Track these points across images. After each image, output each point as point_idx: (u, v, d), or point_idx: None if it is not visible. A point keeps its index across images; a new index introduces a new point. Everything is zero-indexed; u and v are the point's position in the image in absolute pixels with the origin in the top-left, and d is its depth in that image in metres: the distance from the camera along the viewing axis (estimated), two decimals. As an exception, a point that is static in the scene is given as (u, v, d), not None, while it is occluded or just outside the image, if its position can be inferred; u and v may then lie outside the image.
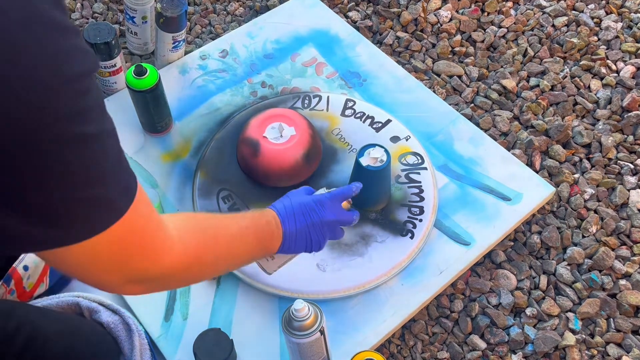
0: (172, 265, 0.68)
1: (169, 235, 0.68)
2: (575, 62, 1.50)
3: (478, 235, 1.18)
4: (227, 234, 0.81)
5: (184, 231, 0.71)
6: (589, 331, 1.14)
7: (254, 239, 0.86)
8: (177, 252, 0.68)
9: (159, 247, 0.66)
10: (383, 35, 1.55)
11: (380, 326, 1.09)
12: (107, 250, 0.60)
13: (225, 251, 0.80)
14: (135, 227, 0.62)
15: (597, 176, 1.30)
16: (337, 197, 0.97)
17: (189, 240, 0.71)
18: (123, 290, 0.68)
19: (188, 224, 0.74)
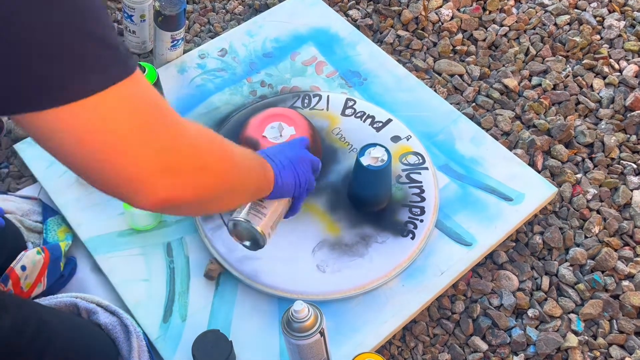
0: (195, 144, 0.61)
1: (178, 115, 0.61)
2: (577, 61, 1.50)
3: (479, 236, 1.18)
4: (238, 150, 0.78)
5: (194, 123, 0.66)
6: (591, 332, 1.14)
7: (258, 166, 0.84)
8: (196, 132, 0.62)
9: (176, 120, 0.59)
10: (384, 34, 1.55)
11: (380, 327, 1.09)
12: (123, 113, 0.53)
13: (241, 163, 0.76)
14: (147, 93, 0.56)
15: (599, 176, 1.30)
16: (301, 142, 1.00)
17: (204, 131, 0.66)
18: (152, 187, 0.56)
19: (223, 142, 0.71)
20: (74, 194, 1.23)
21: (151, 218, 1.18)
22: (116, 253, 1.16)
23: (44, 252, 1.08)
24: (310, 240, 1.16)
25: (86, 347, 0.99)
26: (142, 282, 1.13)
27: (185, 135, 0.61)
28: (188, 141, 0.61)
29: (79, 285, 1.14)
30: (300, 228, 1.17)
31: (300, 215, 1.18)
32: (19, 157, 1.31)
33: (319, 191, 1.21)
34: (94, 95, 0.51)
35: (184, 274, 1.14)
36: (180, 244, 1.18)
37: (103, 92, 0.51)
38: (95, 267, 1.16)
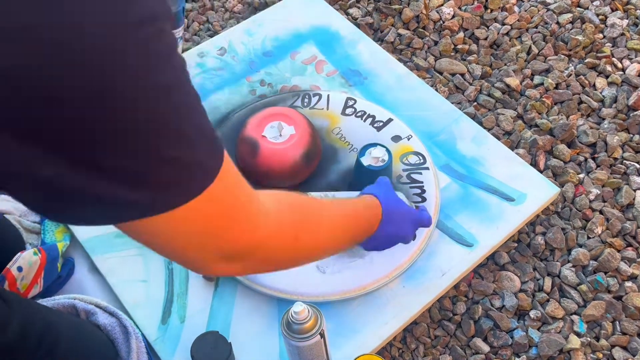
0: (267, 238, 0.63)
1: (262, 203, 0.63)
2: (580, 60, 1.50)
3: (481, 237, 1.18)
4: (326, 221, 0.78)
5: (280, 204, 0.67)
6: (594, 334, 1.14)
7: (354, 227, 0.86)
8: (273, 224, 0.64)
9: (254, 215, 0.62)
10: (384, 33, 1.55)
11: (381, 329, 1.09)
12: (199, 219, 0.56)
13: (323, 239, 0.77)
14: (228, 192, 0.58)
15: (602, 176, 1.30)
16: (421, 223, 1.03)
17: (286, 214, 0.68)
18: (215, 269, 0.63)
19: (285, 198, 0.71)
20: (71, 194, 1.23)
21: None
22: (114, 254, 1.16)
23: (41, 253, 1.08)
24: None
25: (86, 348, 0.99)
26: (140, 283, 1.13)
27: (256, 234, 0.63)
28: (255, 243, 0.63)
29: (76, 286, 1.14)
30: (300, 228, 1.17)
31: (300, 215, 1.18)
32: (16, 157, 1.31)
33: (319, 191, 1.21)
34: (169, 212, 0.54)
35: (183, 274, 1.14)
36: (179, 244, 1.17)
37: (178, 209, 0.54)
38: (93, 268, 1.16)
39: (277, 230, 0.65)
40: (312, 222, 0.74)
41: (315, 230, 0.74)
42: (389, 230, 0.93)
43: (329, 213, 0.79)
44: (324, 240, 0.77)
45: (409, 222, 0.98)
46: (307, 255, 0.76)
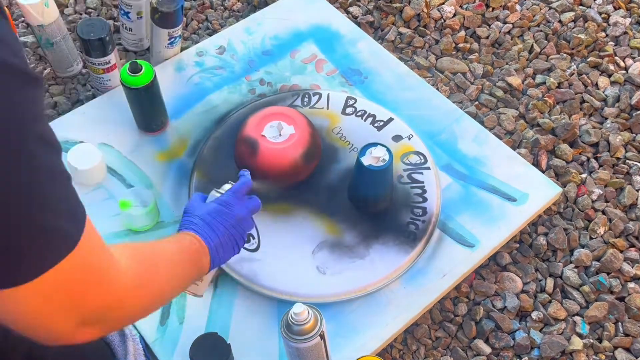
0: (124, 295, 0.65)
1: (117, 262, 0.65)
2: (582, 59, 1.50)
3: (482, 237, 1.18)
4: (165, 259, 0.80)
5: (128, 258, 0.69)
6: (596, 335, 1.14)
7: (188, 261, 0.85)
8: (128, 280, 0.66)
9: (114, 276, 0.64)
10: (385, 31, 1.55)
11: (381, 330, 1.09)
12: (61, 286, 0.57)
13: (168, 277, 0.79)
14: (89, 257, 0.59)
15: (605, 176, 1.30)
16: (240, 191, 0.97)
17: (135, 267, 0.70)
18: (74, 336, 0.62)
19: (129, 251, 0.73)
20: (69, 194, 1.23)
21: (149, 219, 1.18)
22: (112, 254, 1.16)
23: None
24: (310, 241, 1.16)
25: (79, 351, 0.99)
26: (138, 284, 1.13)
27: (115, 294, 0.64)
28: (115, 304, 0.64)
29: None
30: (300, 229, 1.17)
31: (300, 216, 1.18)
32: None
33: (319, 191, 1.21)
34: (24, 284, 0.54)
35: (182, 275, 1.14)
36: (178, 245, 1.17)
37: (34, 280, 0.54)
38: (91, 269, 1.16)
39: (131, 283, 0.67)
40: (157, 268, 0.76)
41: (161, 276, 0.76)
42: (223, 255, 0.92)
43: (165, 255, 0.80)
44: (169, 282, 0.79)
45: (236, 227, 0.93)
46: (158, 301, 0.77)
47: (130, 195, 1.17)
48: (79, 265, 0.58)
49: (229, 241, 0.91)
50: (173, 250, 0.83)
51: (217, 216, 0.91)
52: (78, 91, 1.45)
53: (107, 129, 1.32)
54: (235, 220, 0.93)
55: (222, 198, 0.95)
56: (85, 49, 1.32)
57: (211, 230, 0.89)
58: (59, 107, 1.42)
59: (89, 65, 1.36)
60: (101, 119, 1.34)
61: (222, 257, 0.90)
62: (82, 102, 1.42)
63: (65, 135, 1.31)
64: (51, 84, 1.47)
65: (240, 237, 0.93)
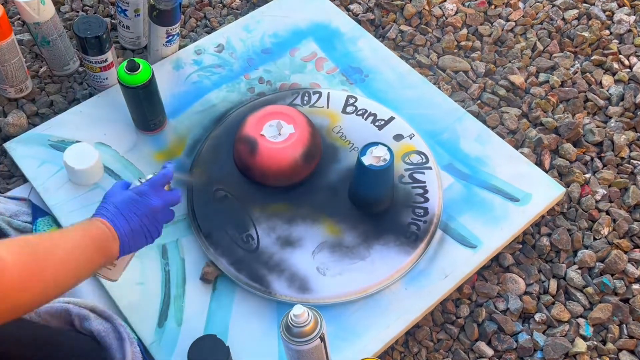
0: (7, 290, 0.66)
1: None
2: (586, 57, 1.50)
3: (485, 238, 1.18)
4: (63, 247, 0.82)
5: (14, 253, 0.70)
6: (600, 337, 1.14)
7: (91, 247, 0.87)
8: (10, 276, 0.67)
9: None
10: (386, 29, 1.55)
11: (382, 332, 1.09)
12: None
13: (65, 264, 0.81)
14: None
15: (609, 176, 1.30)
16: (157, 182, 1.00)
17: (21, 261, 0.70)
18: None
19: (17, 246, 0.74)
20: (65, 194, 1.23)
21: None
22: (109, 255, 1.16)
23: None
24: (309, 242, 1.16)
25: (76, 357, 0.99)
26: (136, 286, 1.13)
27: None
28: None
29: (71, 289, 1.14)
30: (300, 229, 1.17)
31: (300, 216, 1.18)
32: (9, 156, 1.31)
33: (319, 191, 1.21)
34: None
35: (180, 277, 1.14)
36: (176, 246, 1.18)
37: None
38: (87, 270, 1.16)
39: (16, 281, 0.68)
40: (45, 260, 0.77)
41: (55, 267, 0.78)
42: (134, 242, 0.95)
43: (64, 246, 0.83)
44: (65, 273, 0.81)
45: (148, 217, 0.96)
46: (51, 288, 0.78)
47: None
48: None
49: (140, 230, 0.95)
50: (75, 237, 0.86)
51: (131, 204, 0.95)
52: (75, 90, 1.45)
53: (104, 128, 1.32)
54: (149, 210, 0.96)
55: (139, 188, 0.98)
56: (82, 47, 1.32)
57: (122, 218, 0.93)
58: (56, 106, 1.42)
59: (85, 64, 1.36)
60: (98, 118, 1.34)
61: (132, 244, 0.94)
62: (78, 101, 1.42)
63: (61, 135, 1.31)
64: (47, 82, 1.47)
65: (153, 227, 0.97)
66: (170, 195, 1.01)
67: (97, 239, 0.89)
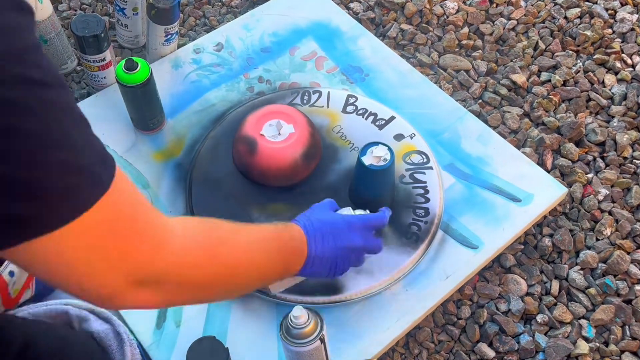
0: (178, 258, 0.61)
1: (167, 224, 0.61)
2: (588, 56, 1.50)
3: (486, 238, 1.18)
4: (248, 241, 0.75)
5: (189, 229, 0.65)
6: (603, 339, 1.14)
7: (276, 253, 0.82)
8: (182, 243, 0.62)
9: (159, 230, 0.60)
10: (386, 28, 1.55)
11: (383, 334, 1.09)
12: (96, 236, 0.54)
13: (244, 259, 0.74)
14: (125, 206, 0.56)
15: (611, 176, 1.30)
16: (370, 224, 0.96)
17: (197, 238, 0.65)
18: (127, 297, 0.59)
19: (198, 223, 0.69)
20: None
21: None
22: (108, 256, 1.16)
23: None
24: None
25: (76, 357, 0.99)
26: (134, 287, 1.13)
27: (165, 248, 0.61)
28: (165, 263, 0.61)
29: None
30: (300, 230, 1.17)
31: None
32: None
33: (319, 192, 1.21)
34: (63, 227, 0.52)
35: (179, 278, 1.14)
36: (175, 247, 1.17)
37: (73, 223, 0.52)
38: (85, 271, 1.16)
39: (188, 250, 0.63)
40: (226, 243, 0.72)
41: (231, 252, 0.72)
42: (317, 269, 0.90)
43: (247, 235, 0.77)
44: (243, 263, 0.75)
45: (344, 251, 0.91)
46: (226, 280, 0.73)
47: None
48: (112, 214, 0.55)
49: (330, 260, 0.89)
50: (265, 236, 0.80)
51: (335, 230, 0.90)
52: (72, 89, 1.45)
53: (102, 127, 1.32)
54: (348, 244, 0.91)
55: (350, 219, 0.94)
56: (80, 45, 1.32)
57: (321, 239, 0.87)
58: (53, 106, 1.41)
59: (83, 63, 1.36)
60: (96, 118, 1.34)
61: (314, 270, 0.89)
62: (76, 100, 1.42)
63: (59, 134, 1.31)
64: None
65: (342, 264, 0.92)
66: (374, 243, 0.97)
67: (288, 247, 0.83)
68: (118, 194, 0.55)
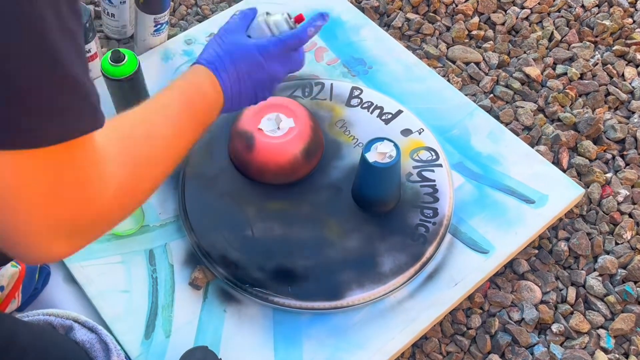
0: (104, 210, 0.63)
1: (102, 174, 0.63)
2: (607, 47, 1.50)
3: (498, 242, 1.18)
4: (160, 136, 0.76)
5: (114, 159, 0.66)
6: (622, 350, 1.14)
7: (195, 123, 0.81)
8: (111, 193, 0.63)
9: (94, 192, 0.61)
10: (391, 17, 1.55)
11: (387, 344, 1.09)
12: (53, 174, 0.56)
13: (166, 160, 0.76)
14: (81, 160, 0.58)
15: (631, 176, 1.30)
16: (288, 46, 0.90)
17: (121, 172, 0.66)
18: (51, 247, 0.60)
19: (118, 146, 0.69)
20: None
21: (132, 222, 1.17)
22: (92, 261, 1.16)
23: (19, 265, 1.08)
24: (309, 244, 1.16)
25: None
26: (121, 294, 1.13)
27: (93, 209, 0.62)
28: (91, 218, 0.62)
29: (50, 298, 1.14)
30: (299, 231, 1.17)
31: (300, 216, 1.18)
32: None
33: (321, 190, 1.21)
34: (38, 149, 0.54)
35: (168, 284, 1.14)
36: (164, 251, 1.17)
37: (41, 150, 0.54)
38: (68, 277, 1.16)
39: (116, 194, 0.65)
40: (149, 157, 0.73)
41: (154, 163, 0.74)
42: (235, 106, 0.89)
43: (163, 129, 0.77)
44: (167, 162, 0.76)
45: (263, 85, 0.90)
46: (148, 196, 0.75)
47: None
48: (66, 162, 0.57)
49: (249, 95, 0.88)
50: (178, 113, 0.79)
51: (251, 65, 0.87)
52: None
53: (86, 123, 1.32)
54: (268, 77, 0.89)
55: (265, 45, 0.89)
56: (63, 35, 1.31)
57: (237, 80, 0.86)
58: (34, 99, 1.41)
59: (67, 54, 1.36)
60: (80, 112, 1.33)
61: (234, 106, 0.88)
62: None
63: (41, 130, 1.31)
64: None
65: (263, 94, 0.90)
66: (294, 64, 0.92)
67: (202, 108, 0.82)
68: (81, 145, 0.57)
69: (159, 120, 0.77)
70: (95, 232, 0.66)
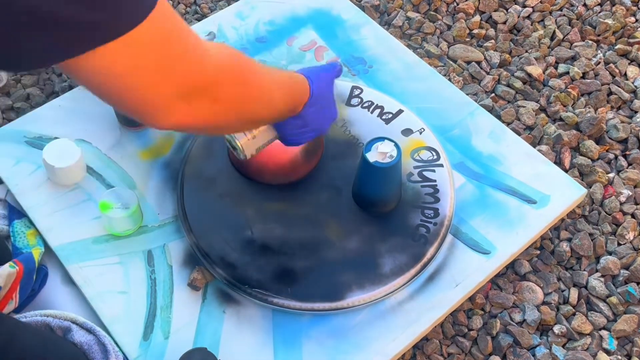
0: (218, 80, 0.72)
1: (205, 46, 0.71)
2: (609, 46, 1.50)
3: (499, 243, 1.18)
4: (265, 71, 0.87)
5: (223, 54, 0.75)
6: (625, 351, 1.14)
7: (289, 88, 0.94)
8: (219, 67, 0.73)
9: (201, 48, 0.69)
10: (391, 16, 1.55)
11: (388, 346, 1.09)
12: (151, 47, 0.62)
13: (266, 86, 0.86)
14: (173, 23, 0.64)
15: (634, 176, 1.30)
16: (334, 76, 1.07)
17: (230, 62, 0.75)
18: (169, 111, 0.68)
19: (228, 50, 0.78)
20: (43, 195, 1.22)
21: (131, 223, 1.17)
22: (91, 262, 1.16)
23: (17, 265, 1.08)
24: (309, 245, 1.16)
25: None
26: (119, 295, 1.13)
27: (206, 65, 0.71)
28: (207, 72, 0.71)
29: (47, 300, 1.14)
30: (299, 231, 1.17)
31: (300, 217, 1.18)
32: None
33: (321, 191, 1.21)
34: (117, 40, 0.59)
35: (167, 285, 1.14)
36: (163, 251, 1.17)
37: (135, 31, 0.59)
38: (66, 279, 1.16)
39: (224, 67, 0.74)
40: (253, 69, 0.83)
41: (257, 77, 0.84)
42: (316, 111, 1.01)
43: (267, 69, 0.91)
44: (266, 89, 0.87)
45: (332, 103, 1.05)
46: (253, 103, 0.83)
47: (111, 196, 1.17)
48: (164, 28, 0.63)
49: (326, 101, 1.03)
50: (281, 74, 0.95)
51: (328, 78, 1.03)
52: (53, 82, 1.45)
53: (84, 123, 1.32)
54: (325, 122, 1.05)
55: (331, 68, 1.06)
56: (61, 34, 1.32)
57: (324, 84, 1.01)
58: (32, 100, 1.42)
59: (65, 53, 1.36)
60: (78, 113, 1.34)
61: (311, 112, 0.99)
62: (57, 94, 1.42)
63: (38, 131, 1.31)
64: (23, 74, 1.46)
65: (329, 112, 1.05)
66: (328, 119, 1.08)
67: (297, 86, 0.96)
68: (165, 11, 0.63)
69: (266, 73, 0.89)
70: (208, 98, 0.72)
